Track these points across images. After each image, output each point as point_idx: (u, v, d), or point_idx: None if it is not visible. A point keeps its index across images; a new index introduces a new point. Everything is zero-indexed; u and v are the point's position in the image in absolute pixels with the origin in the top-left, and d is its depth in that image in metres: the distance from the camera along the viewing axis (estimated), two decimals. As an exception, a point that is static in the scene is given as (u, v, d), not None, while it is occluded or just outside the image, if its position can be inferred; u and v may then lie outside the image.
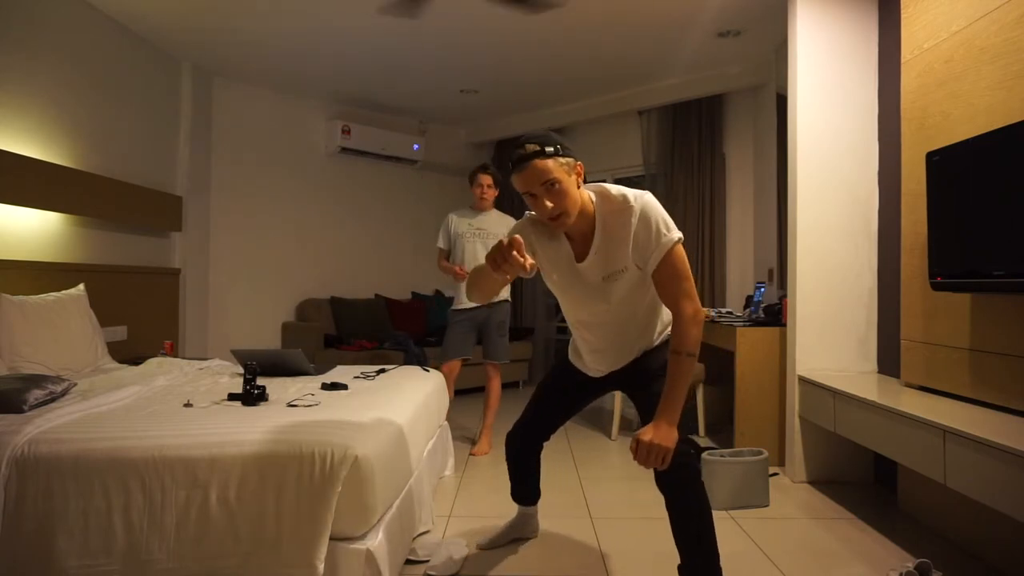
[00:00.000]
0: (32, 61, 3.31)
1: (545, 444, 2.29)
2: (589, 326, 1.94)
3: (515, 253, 1.42)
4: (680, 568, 1.78)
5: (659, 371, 1.79)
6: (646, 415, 1.84)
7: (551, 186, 1.63)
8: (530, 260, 1.44)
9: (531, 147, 1.63)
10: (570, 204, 1.66)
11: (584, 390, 2.14)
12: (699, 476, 1.77)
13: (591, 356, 2.02)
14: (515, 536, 2.47)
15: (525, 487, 2.40)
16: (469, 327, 3.81)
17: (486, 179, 3.84)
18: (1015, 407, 2.10)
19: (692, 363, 1.65)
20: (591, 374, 2.06)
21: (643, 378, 1.91)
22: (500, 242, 1.45)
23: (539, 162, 1.62)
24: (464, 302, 3.79)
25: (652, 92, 5.24)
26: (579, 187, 1.70)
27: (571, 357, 2.14)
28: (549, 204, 1.64)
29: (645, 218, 1.67)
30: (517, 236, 1.44)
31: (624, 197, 1.71)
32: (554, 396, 2.20)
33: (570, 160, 1.66)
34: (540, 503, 2.50)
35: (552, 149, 1.63)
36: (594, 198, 1.75)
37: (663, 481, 1.73)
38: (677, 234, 1.69)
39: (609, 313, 1.85)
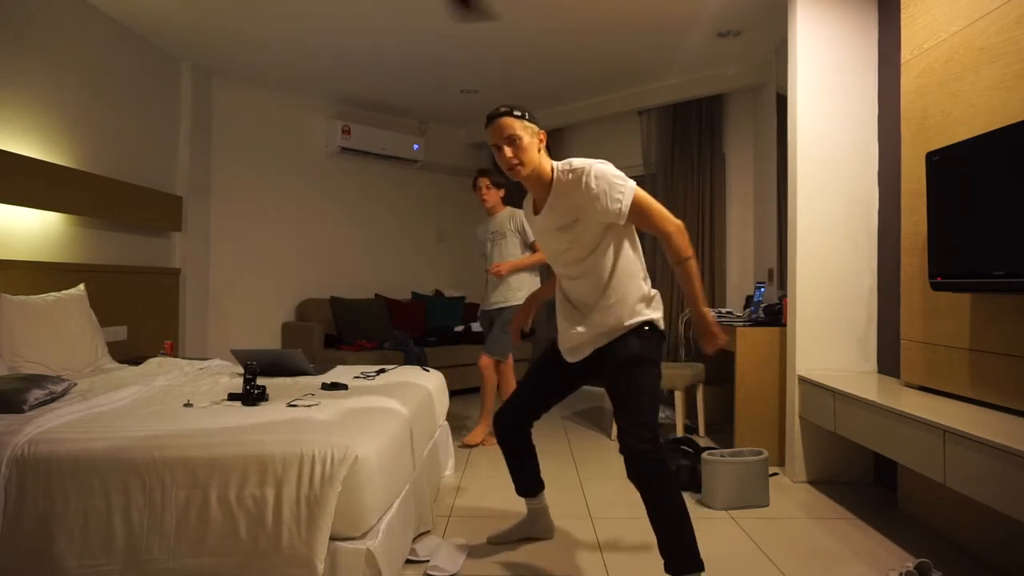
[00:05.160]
0: (32, 61, 3.31)
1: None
2: (564, 281, 2.14)
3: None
4: (660, 550, 1.90)
5: (628, 362, 1.98)
6: (617, 406, 1.98)
7: (512, 141, 1.96)
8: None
9: (502, 108, 2.00)
10: (526, 157, 1.97)
11: (567, 375, 2.22)
12: (663, 468, 1.91)
13: (565, 323, 2.14)
14: (527, 535, 2.46)
15: (523, 475, 2.40)
16: (487, 325, 4.04)
17: (483, 181, 3.97)
18: (1015, 407, 2.10)
19: (693, 263, 1.95)
20: (568, 357, 2.15)
21: (614, 368, 2.01)
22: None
23: (505, 119, 1.98)
24: (484, 304, 4.05)
25: (652, 92, 5.24)
26: (540, 151, 2.01)
27: (559, 341, 2.22)
28: (508, 153, 1.97)
29: (599, 178, 1.91)
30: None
31: (580, 164, 1.97)
32: (541, 375, 2.28)
33: (534, 126, 2.00)
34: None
35: (519, 113, 1.99)
36: (557, 167, 2.02)
37: (632, 474, 1.90)
38: (630, 184, 1.95)
39: (573, 265, 2.06)
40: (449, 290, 6.46)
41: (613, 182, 1.92)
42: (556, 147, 5.91)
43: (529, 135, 1.98)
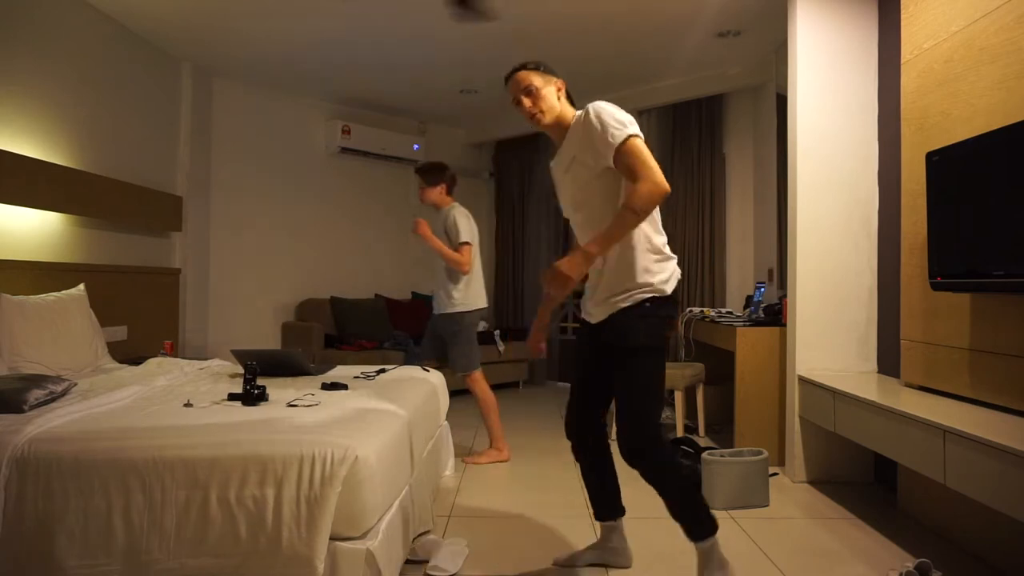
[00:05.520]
0: (32, 61, 3.31)
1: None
2: (573, 226, 2.10)
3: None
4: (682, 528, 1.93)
5: (623, 353, 1.91)
6: (614, 397, 1.98)
7: (529, 91, 1.98)
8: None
9: (518, 64, 2.03)
10: (545, 105, 1.98)
11: (595, 349, 2.05)
12: (665, 460, 1.92)
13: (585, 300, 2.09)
14: (599, 561, 2.23)
15: (604, 492, 2.20)
16: (431, 332, 3.82)
17: (418, 182, 3.87)
18: (1015, 407, 2.10)
19: (634, 220, 1.79)
20: (588, 318, 2.05)
21: (611, 355, 1.96)
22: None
23: (521, 73, 2.01)
24: (482, 301, 3.78)
25: (652, 92, 5.24)
26: (560, 99, 2.01)
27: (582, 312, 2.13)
28: (527, 104, 1.98)
29: (597, 116, 1.87)
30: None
31: (588, 106, 1.93)
32: (587, 358, 2.11)
33: (550, 75, 2.03)
34: (540, 502, 2.47)
35: (533, 65, 2.02)
36: (576, 112, 2.01)
37: (630, 462, 1.90)
38: (631, 130, 1.85)
39: (576, 211, 2.04)
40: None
41: (610, 120, 1.86)
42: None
43: (544, 82, 1.99)
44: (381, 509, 1.88)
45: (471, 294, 3.68)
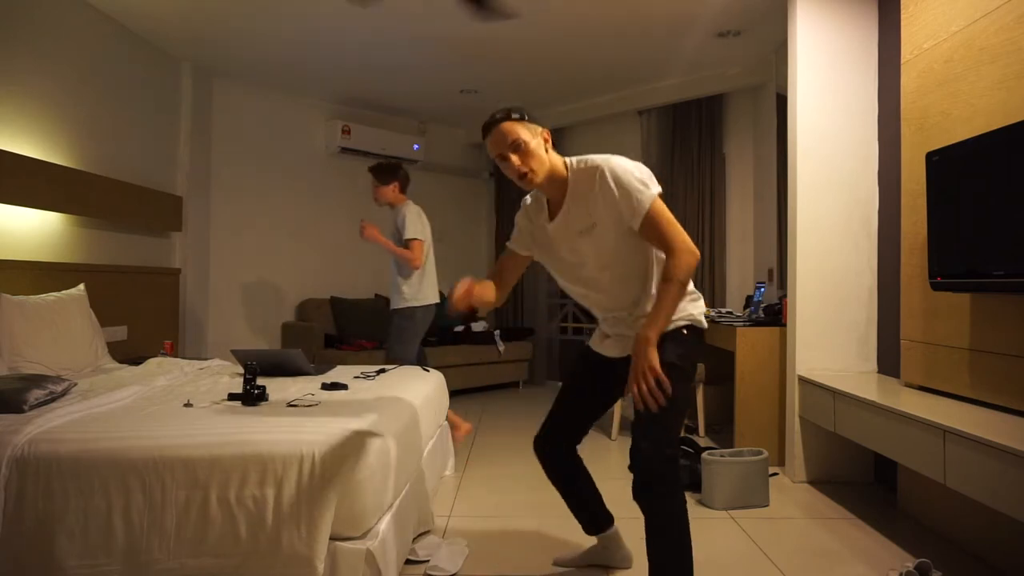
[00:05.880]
0: (32, 61, 3.31)
1: (579, 449, 2.12)
2: (588, 297, 1.95)
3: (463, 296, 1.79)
4: None
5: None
6: (639, 417, 1.74)
7: (517, 147, 1.75)
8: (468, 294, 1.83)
9: (498, 114, 1.79)
10: (535, 163, 1.77)
11: (607, 379, 2.00)
12: (678, 491, 1.71)
13: (600, 335, 2.01)
14: (599, 562, 2.23)
15: (586, 509, 2.17)
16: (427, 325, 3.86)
17: (372, 181, 3.88)
18: (1015, 407, 2.10)
19: (681, 290, 1.72)
20: (606, 353, 1.98)
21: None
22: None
23: (505, 124, 1.76)
24: (433, 297, 3.82)
25: (652, 92, 5.24)
26: (547, 151, 1.81)
27: (590, 341, 2.07)
28: (516, 162, 1.76)
29: (615, 180, 1.74)
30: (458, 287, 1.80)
31: (594, 159, 1.81)
32: (578, 385, 2.08)
33: (535, 126, 1.80)
34: (540, 502, 2.46)
35: (517, 115, 1.78)
36: (572, 163, 1.84)
37: (641, 495, 1.69)
38: (655, 189, 1.75)
39: (598, 275, 1.87)
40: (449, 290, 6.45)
41: (632, 183, 1.74)
42: (556, 147, 5.90)
43: (531, 135, 1.78)
44: (381, 509, 1.88)
45: (423, 290, 3.75)
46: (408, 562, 2.21)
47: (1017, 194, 1.95)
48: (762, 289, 3.99)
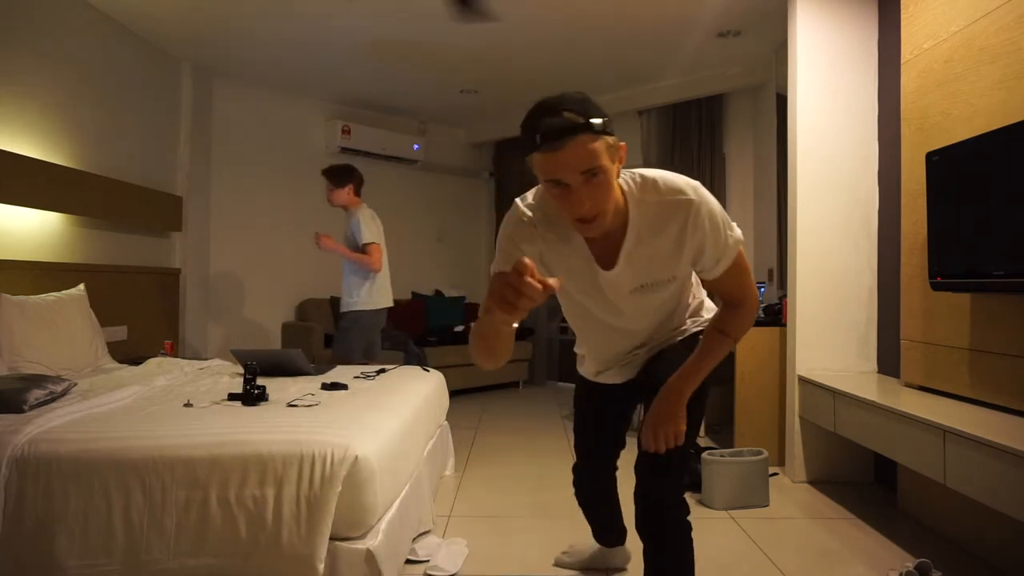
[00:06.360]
0: (32, 61, 3.31)
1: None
2: (603, 340, 1.64)
3: (529, 279, 1.02)
4: None
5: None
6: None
7: (593, 175, 1.18)
8: (551, 280, 1.04)
9: (571, 116, 1.16)
10: (610, 202, 1.25)
11: (621, 394, 1.80)
12: (686, 526, 1.55)
13: (595, 367, 1.74)
14: (600, 566, 2.18)
15: (612, 528, 2.08)
16: (376, 329, 3.89)
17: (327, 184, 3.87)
18: (1015, 407, 2.10)
19: (730, 346, 1.48)
20: (607, 382, 1.76)
21: (658, 388, 1.54)
22: (503, 273, 1.06)
23: (584, 137, 1.16)
24: (383, 302, 3.84)
25: (652, 92, 5.23)
26: (618, 175, 1.28)
27: (584, 372, 1.82)
28: (587, 199, 1.20)
29: (712, 219, 1.33)
30: (525, 259, 1.02)
31: (679, 189, 1.32)
32: (596, 406, 1.87)
33: (615, 140, 1.23)
34: (540, 502, 2.46)
35: (600, 123, 1.18)
36: (627, 186, 1.33)
37: (648, 524, 1.54)
38: (739, 233, 1.40)
39: (631, 325, 1.56)
40: (449, 290, 6.46)
41: (725, 221, 1.37)
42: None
43: (611, 159, 1.22)
44: (381, 509, 1.88)
45: (374, 294, 3.79)
46: (408, 562, 2.21)
47: (1017, 194, 1.95)
48: (762, 289, 4.00)
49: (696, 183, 1.36)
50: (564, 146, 1.16)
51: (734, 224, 1.40)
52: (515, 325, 1.18)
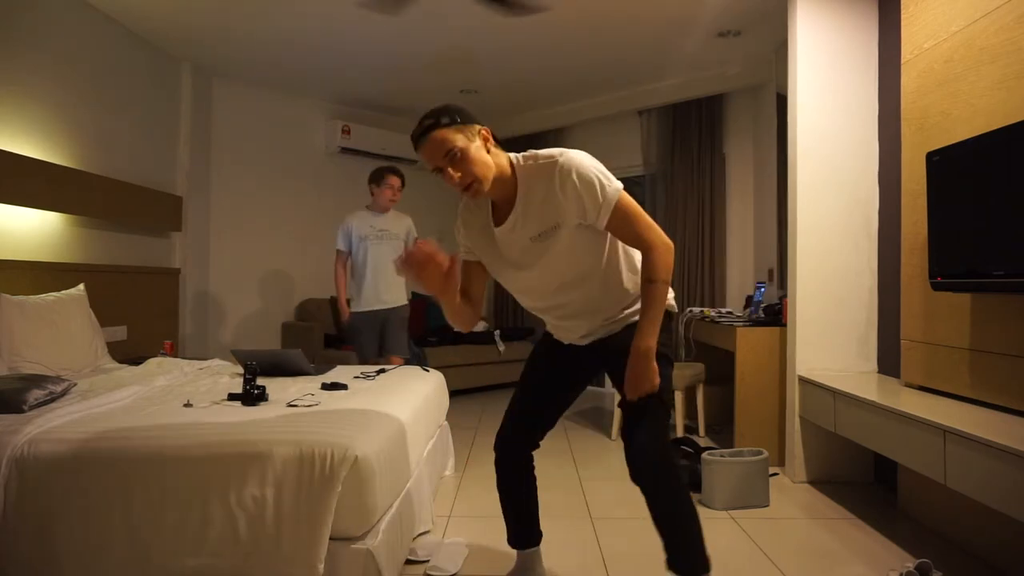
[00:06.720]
0: (32, 61, 3.31)
1: (538, 452, 2.01)
2: (546, 309, 1.84)
3: (428, 253, 1.52)
4: (667, 563, 1.71)
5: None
6: (626, 407, 1.73)
7: (453, 157, 1.57)
8: (443, 255, 1.54)
9: (426, 121, 1.60)
10: (480, 170, 1.59)
11: (571, 371, 1.95)
12: (672, 471, 1.70)
13: (560, 330, 1.91)
14: None
15: (521, 519, 2.04)
16: (377, 326, 4.02)
17: (395, 181, 3.99)
18: (1015, 407, 2.10)
19: (665, 289, 1.64)
20: (571, 341, 1.90)
21: (621, 365, 1.71)
22: (404, 256, 1.54)
23: (436, 133, 1.58)
24: (365, 304, 3.99)
25: (652, 92, 5.24)
26: (489, 152, 1.63)
27: (551, 330, 1.97)
28: (456, 174, 1.58)
29: (581, 173, 1.59)
30: (423, 241, 1.56)
31: (549, 154, 1.65)
32: (540, 377, 1.97)
33: (472, 126, 1.61)
34: (540, 502, 2.43)
35: (447, 119, 1.58)
36: (518, 160, 1.68)
37: (639, 478, 1.68)
38: (617, 184, 1.63)
39: (548, 278, 1.74)
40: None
41: (597, 177, 1.60)
42: (559, 147, 5.92)
43: (468, 139, 1.59)
44: (381, 509, 1.88)
45: (363, 296, 4.02)
46: (408, 562, 2.21)
47: (1017, 194, 1.95)
48: (762, 289, 3.99)
49: (570, 150, 1.65)
50: (424, 143, 1.60)
51: (612, 177, 1.64)
52: (457, 299, 1.69)
